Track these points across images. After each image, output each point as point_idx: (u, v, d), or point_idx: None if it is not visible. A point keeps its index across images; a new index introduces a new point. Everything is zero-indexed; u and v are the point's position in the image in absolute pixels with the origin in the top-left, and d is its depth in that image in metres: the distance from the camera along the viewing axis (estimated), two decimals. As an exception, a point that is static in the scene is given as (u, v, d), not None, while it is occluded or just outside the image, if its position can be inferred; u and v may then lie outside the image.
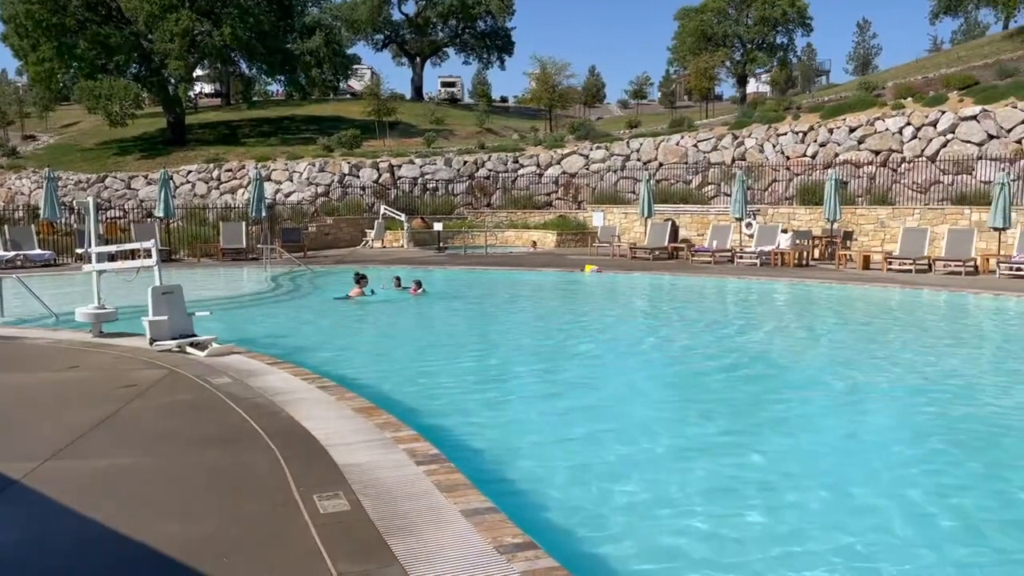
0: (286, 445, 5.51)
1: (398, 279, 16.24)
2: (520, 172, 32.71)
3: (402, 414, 6.43)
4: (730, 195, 23.69)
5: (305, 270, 20.04)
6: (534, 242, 27.78)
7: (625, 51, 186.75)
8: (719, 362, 10.21)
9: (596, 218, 27.92)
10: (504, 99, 75.81)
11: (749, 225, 23.28)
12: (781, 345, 11.59)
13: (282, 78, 50.18)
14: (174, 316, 9.44)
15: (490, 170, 32.82)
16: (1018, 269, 17.84)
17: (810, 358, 10.62)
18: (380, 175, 32.21)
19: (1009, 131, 22.66)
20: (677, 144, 30.19)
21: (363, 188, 31.92)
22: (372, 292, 15.14)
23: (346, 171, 32.11)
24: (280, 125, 47.64)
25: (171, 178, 26.34)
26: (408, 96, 62.76)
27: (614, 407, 7.93)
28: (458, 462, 5.17)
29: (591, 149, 32.23)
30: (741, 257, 21.88)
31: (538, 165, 32.69)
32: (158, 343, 9.19)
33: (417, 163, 32.82)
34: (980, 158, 22.74)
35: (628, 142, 31.88)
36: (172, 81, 42.90)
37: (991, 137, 22.93)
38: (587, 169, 31.84)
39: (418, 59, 65.66)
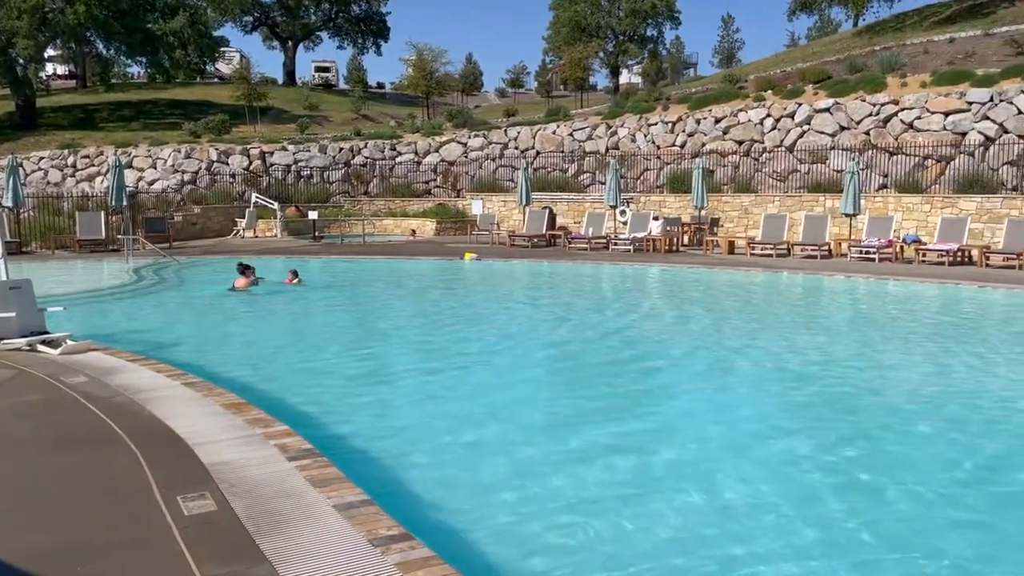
0: (148, 445, 5.25)
1: (294, 272, 15.38)
2: (398, 160, 32.34)
3: (274, 409, 6.24)
4: (605, 183, 24.25)
5: (170, 262, 19.13)
6: (413, 230, 27.57)
7: (502, 40, 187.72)
8: (595, 346, 10.46)
9: (475, 206, 27.98)
10: (381, 85, 74.66)
11: (623, 213, 23.92)
12: (655, 327, 12.00)
13: (143, 60, 47.50)
14: (23, 312, 8.80)
15: (367, 157, 32.28)
16: (867, 252, 19.13)
17: (681, 338, 11.03)
18: (251, 162, 31.09)
19: (859, 123, 24.21)
20: (554, 133, 30.63)
21: (233, 175, 30.72)
22: (256, 283, 14.52)
23: (214, 158, 30.80)
24: (142, 109, 45.16)
25: (20, 165, 24.48)
26: (280, 81, 60.80)
27: (492, 396, 7.99)
28: (333, 456, 5.07)
29: (469, 137, 32.23)
30: (616, 244, 22.46)
31: (416, 153, 32.42)
32: (5, 341, 8.55)
33: (290, 150, 31.88)
34: (833, 148, 24.20)
35: (506, 130, 32.08)
36: (21, 61, 39.86)
37: (843, 128, 24.43)
38: (466, 157, 31.83)
39: (290, 43, 63.66)
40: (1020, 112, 21.36)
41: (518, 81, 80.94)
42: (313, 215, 26.09)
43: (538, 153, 30.56)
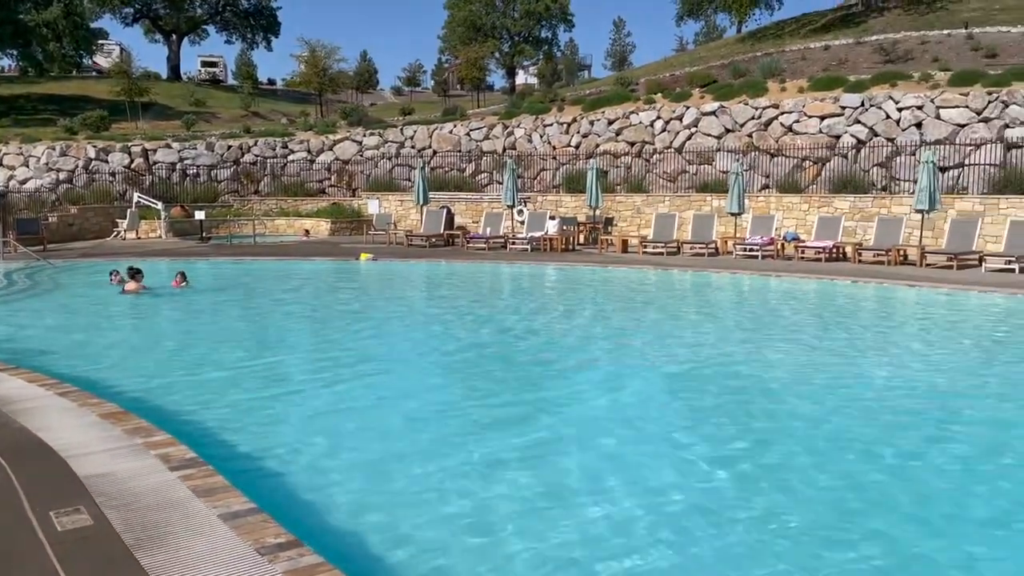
0: (17, 459, 4.95)
1: (182, 275, 14.74)
2: (290, 158, 31.58)
3: (156, 418, 5.99)
4: (502, 183, 24.40)
5: (45, 265, 18.07)
6: (307, 230, 26.99)
7: (398, 38, 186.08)
8: (493, 346, 10.51)
9: (371, 205, 27.65)
10: (272, 82, 72.69)
11: (520, 212, 24.14)
12: (551, 325, 12.15)
13: (14, 52, 44.71)
14: None
15: (257, 156, 31.38)
16: (751, 249, 19.96)
17: (577, 335, 11.22)
18: (133, 160, 29.71)
19: (742, 126, 25.22)
20: (450, 132, 30.60)
21: (113, 174, 29.28)
22: (127, 285, 13.92)
23: (93, 156, 29.28)
24: (13, 104, 42.49)
25: None
26: (164, 76, 58.35)
27: (385, 401, 7.89)
28: (218, 464, 4.91)
29: (365, 135, 31.81)
30: (514, 243, 22.64)
31: (309, 151, 31.74)
32: None
33: (175, 147, 30.63)
34: (719, 150, 25.12)
35: (402, 129, 31.84)
36: None
37: (728, 131, 25.40)
38: (361, 156, 31.40)
39: (174, 36, 61.18)
40: (888, 117, 22.73)
41: (414, 80, 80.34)
42: (200, 215, 25.16)
43: (435, 152, 30.47)
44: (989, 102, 21.32)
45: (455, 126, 30.82)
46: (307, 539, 3.86)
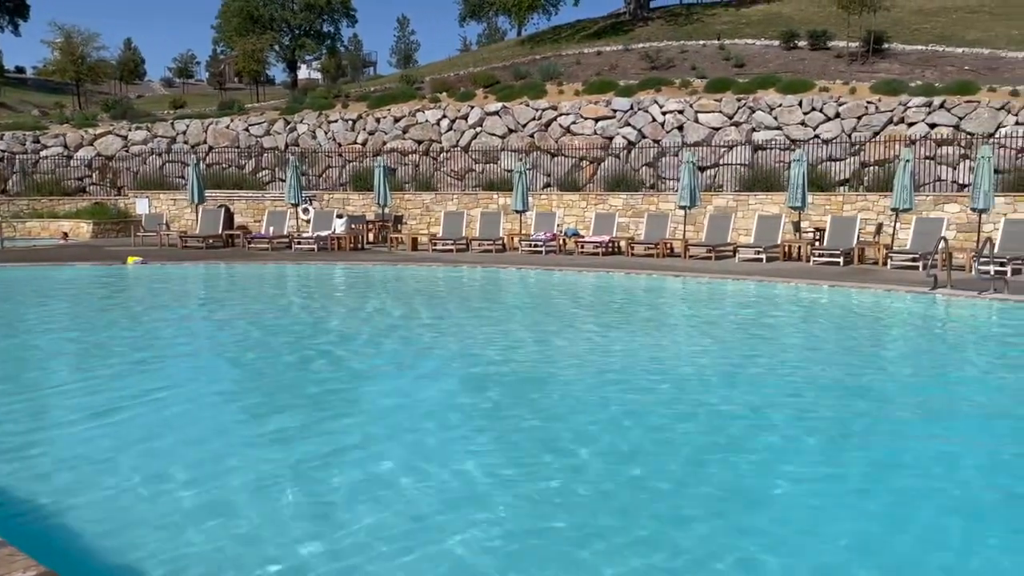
0: None
1: None
2: (44, 154, 28.59)
3: None
4: (285, 181, 23.56)
5: None
6: (65, 233, 24.55)
7: (167, 26, 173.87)
8: (280, 354, 10.12)
9: (140, 205, 25.69)
10: (21, 70, 65.42)
11: (306, 211, 23.44)
12: (339, 325, 11.90)
13: None
14: None
15: (4, 151, 28.12)
16: (535, 245, 20.72)
17: (368, 335, 11.07)
18: None
19: (524, 126, 26.13)
20: (227, 127, 29.09)
21: None
22: None
23: None
24: None
25: None
26: None
27: (152, 413, 7.34)
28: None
29: (131, 130, 29.47)
30: (299, 243, 21.95)
31: (66, 146, 28.91)
32: None
33: (-102, 140, 26.73)
34: (503, 149, 25.86)
35: (173, 123, 29.83)
36: None
37: (511, 131, 26.20)
38: (127, 152, 29.06)
39: None
40: (654, 120, 24.49)
41: (187, 71, 75.59)
42: (-68, 217, 22.12)
43: (211, 148, 28.86)
44: (739, 108, 23.58)
45: (232, 121, 29.35)
46: (64, 571, 3.50)
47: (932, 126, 21.17)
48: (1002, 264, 14.91)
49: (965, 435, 6.74)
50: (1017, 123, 20.15)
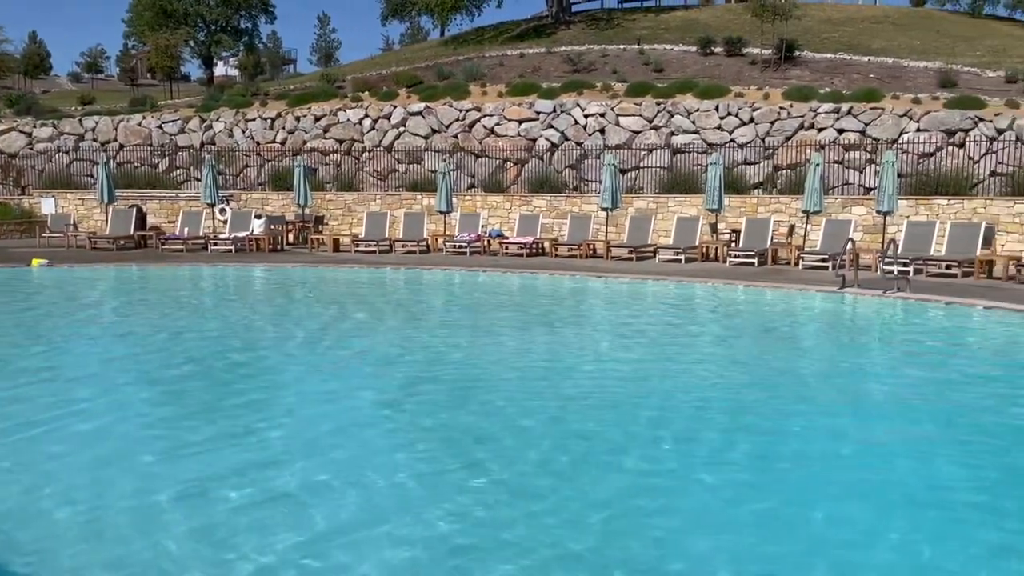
0: None
1: None
2: (-62, 150, 27.05)
3: None
4: (201, 180, 22.89)
5: None
6: (-36, 234, 23.31)
7: (75, 18, 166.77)
8: (196, 361, 9.82)
9: (45, 205, 24.58)
10: (-88, 61, 61.67)
11: (223, 211, 22.83)
12: (255, 329, 11.64)
13: None
14: None
15: None
16: (459, 246, 20.68)
17: (284, 340, 10.86)
18: None
19: (448, 127, 26.04)
20: (140, 125, 28.09)
21: None
22: None
23: None
24: None
25: None
26: None
27: (56, 422, 7.05)
28: None
29: (36, 126, 28.15)
30: (216, 244, 21.37)
31: (-36, 142, 27.41)
32: None
33: None
34: (427, 150, 25.72)
35: (81, 120, 28.63)
36: None
37: (434, 131, 26.08)
38: (31, 149, 27.76)
39: None
40: (577, 122, 24.75)
41: (96, 66, 72.64)
42: None
43: (122, 146, 27.83)
44: (658, 112, 24.05)
45: (145, 118, 28.35)
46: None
47: (840, 131, 22.03)
48: (905, 264, 15.63)
49: (868, 422, 7.05)
50: (918, 129, 21.15)
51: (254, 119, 27.63)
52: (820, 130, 22.23)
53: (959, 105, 21.05)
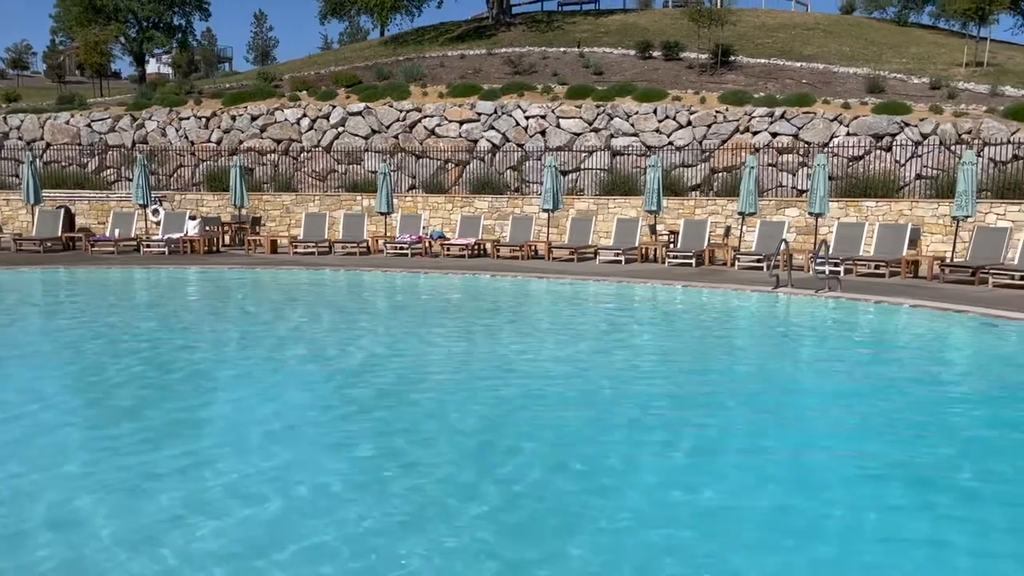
0: None
1: None
2: None
3: None
4: (133, 180, 22.26)
5: None
6: None
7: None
8: (121, 367, 9.54)
9: (-34, 206, 23.59)
10: None
11: (156, 212, 22.26)
12: (187, 332, 11.37)
13: None
14: None
15: None
16: (400, 248, 20.55)
17: (220, 344, 10.63)
18: None
19: (388, 127, 25.83)
20: (68, 123, 27.18)
21: None
22: None
23: None
24: None
25: None
26: None
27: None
28: None
29: (-46, 123, 27.00)
30: (148, 246, 20.82)
31: None
32: None
33: None
34: (367, 150, 25.47)
35: (6, 118, 27.56)
36: None
37: (375, 132, 25.84)
38: (-50, 147, 26.62)
39: None
40: (518, 124, 24.82)
41: (21, 62, 69.94)
42: None
43: (49, 145, 26.90)
44: (598, 114, 24.27)
45: (73, 116, 27.44)
46: None
47: (774, 135, 22.56)
48: (836, 264, 16.09)
49: (799, 413, 7.25)
50: (848, 134, 21.78)
51: (188, 118, 26.99)
52: (755, 133, 22.73)
53: (886, 110, 21.75)
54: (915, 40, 32.28)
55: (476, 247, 20.43)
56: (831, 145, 21.70)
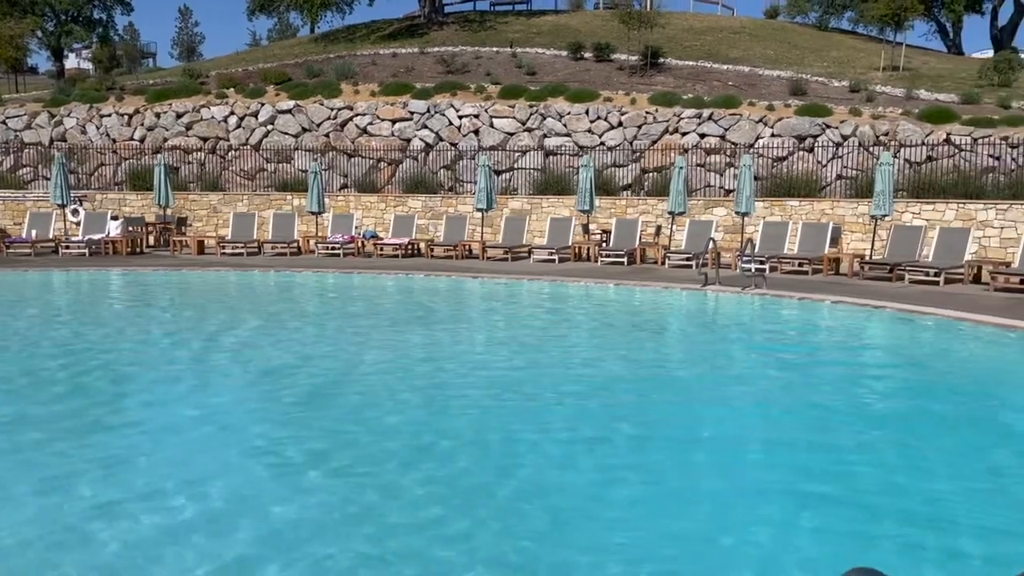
0: None
1: None
2: None
3: None
4: (50, 179, 21.44)
5: None
6: None
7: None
8: (32, 374, 9.20)
9: None
10: None
11: (75, 212, 21.48)
12: (104, 337, 11.02)
13: None
14: None
15: None
16: (333, 248, 20.28)
17: (144, 349, 10.34)
18: None
19: (319, 125, 25.47)
20: (-21, 119, 26.01)
21: None
22: None
23: None
24: None
25: None
26: None
27: None
28: None
29: None
30: (68, 247, 20.08)
31: None
32: None
33: None
34: (297, 149, 25.07)
35: (-90, 113, 26.23)
36: None
37: (305, 130, 25.45)
38: None
39: None
40: (451, 123, 24.77)
41: (-72, 55, 66.52)
42: None
43: (-41, 142, 25.67)
44: (531, 114, 24.40)
45: (-14, 112, 26.28)
46: None
47: (702, 136, 23.03)
48: (762, 262, 16.53)
49: (720, 407, 7.44)
50: (773, 135, 22.39)
51: (110, 115, 26.13)
52: (684, 134, 23.17)
53: (809, 112, 22.43)
54: (836, 44, 33.39)
55: (410, 247, 20.31)
56: (756, 146, 22.27)
